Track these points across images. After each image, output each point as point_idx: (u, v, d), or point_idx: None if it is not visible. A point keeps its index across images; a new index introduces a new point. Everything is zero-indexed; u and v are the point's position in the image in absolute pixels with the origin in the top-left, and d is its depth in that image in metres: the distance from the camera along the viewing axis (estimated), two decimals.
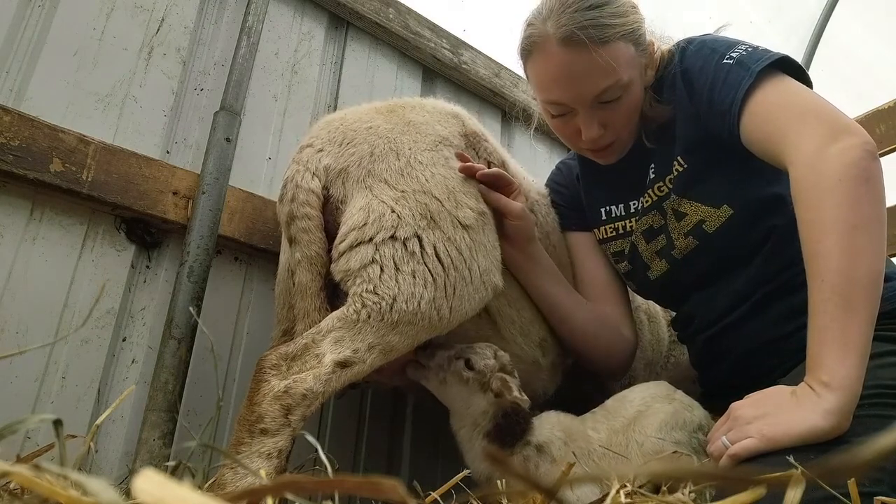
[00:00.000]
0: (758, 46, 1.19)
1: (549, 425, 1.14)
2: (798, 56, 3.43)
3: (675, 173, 1.29)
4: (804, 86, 1.14)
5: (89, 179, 1.25)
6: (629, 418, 1.16)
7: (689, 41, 1.29)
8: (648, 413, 1.16)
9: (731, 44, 1.21)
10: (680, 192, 1.29)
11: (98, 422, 0.76)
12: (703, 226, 1.28)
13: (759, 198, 1.24)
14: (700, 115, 1.22)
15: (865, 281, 0.93)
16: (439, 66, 2.12)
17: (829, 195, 0.96)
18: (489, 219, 1.24)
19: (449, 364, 1.16)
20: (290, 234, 1.14)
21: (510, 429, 1.11)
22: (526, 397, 1.12)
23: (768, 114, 1.10)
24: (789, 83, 1.13)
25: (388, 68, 2.02)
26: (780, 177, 1.17)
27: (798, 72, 1.16)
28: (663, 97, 1.31)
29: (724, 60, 1.17)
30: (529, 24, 1.25)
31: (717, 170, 1.25)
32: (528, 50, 1.26)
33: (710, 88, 1.18)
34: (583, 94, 1.21)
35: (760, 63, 1.12)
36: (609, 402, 1.23)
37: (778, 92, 1.11)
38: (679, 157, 1.28)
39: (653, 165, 1.35)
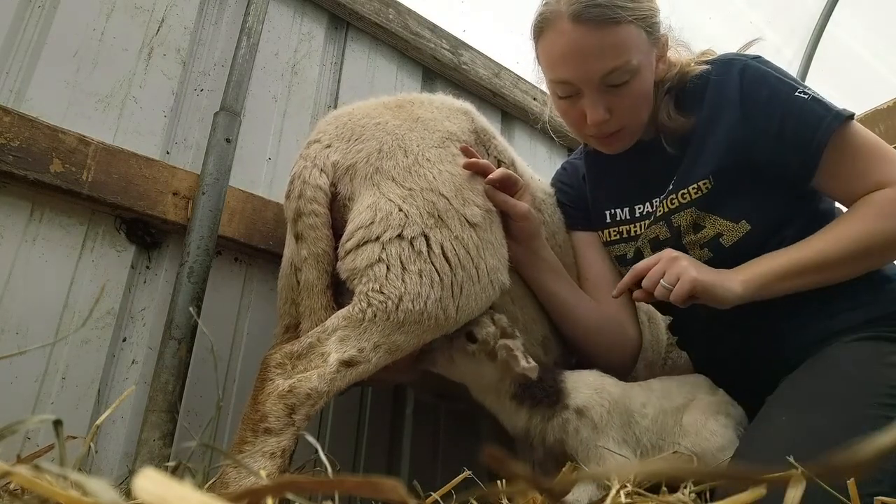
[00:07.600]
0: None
1: (588, 389, 1.15)
2: (798, 56, 3.43)
3: (703, 191, 1.27)
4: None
5: (89, 180, 1.25)
6: (678, 405, 1.18)
7: (743, 65, 1.27)
8: (696, 401, 1.18)
9: (794, 78, 1.25)
10: (704, 207, 1.28)
11: (98, 422, 0.76)
12: (721, 239, 1.28)
13: (776, 216, 1.25)
14: (756, 140, 1.22)
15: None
16: (439, 66, 2.12)
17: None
18: (496, 216, 1.23)
19: (451, 342, 1.15)
20: (296, 230, 1.13)
21: (534, 391, 1.15)
22: (533, 363, 1.11)
23: (856, 153, 1.18)
24: (868, 132, 1.23)
25: (387, 69, 2.02)
26: (796, 201, 1.26)
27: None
28: (685, 108, 1.30)
29: (797, 94, 1.19)
30: (545, 3, 1.26)
31: (744, 189, 1.25)
32: (540, 27, 1.26)
33: (781, 118, 1.19)
34: (590, 74, 1.20)
35: (841, 114, 1.17)
36: (655, 382, 1.24)
37: (862, 135, 1.20)
38: (710, 176, 1.26)
39: (674, 178, 1.33)
